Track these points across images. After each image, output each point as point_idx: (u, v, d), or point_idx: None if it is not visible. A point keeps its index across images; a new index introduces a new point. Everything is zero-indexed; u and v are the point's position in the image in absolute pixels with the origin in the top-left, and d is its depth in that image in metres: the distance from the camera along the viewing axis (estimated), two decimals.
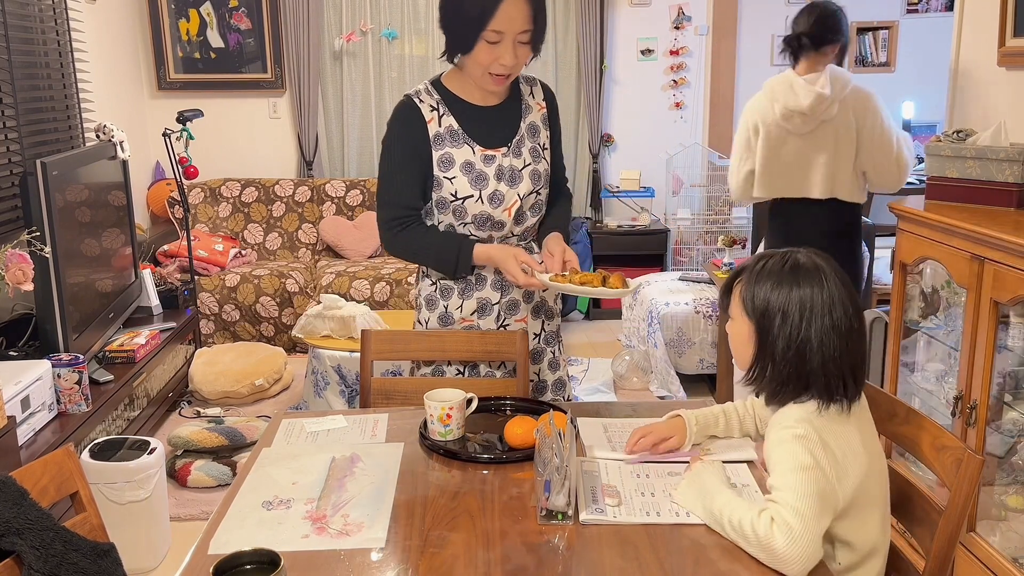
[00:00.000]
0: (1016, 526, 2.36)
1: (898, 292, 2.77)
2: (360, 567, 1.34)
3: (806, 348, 1.44)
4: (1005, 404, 2.37)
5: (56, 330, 3.14)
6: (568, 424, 1.48)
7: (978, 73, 2.99)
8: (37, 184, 3.03)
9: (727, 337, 1.60)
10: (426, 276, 2.15)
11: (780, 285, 1.48)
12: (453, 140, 2.01)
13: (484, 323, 2.12)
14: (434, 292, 2.13)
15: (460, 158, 2.00)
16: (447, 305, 2.12)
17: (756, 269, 1.52)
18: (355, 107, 5.66)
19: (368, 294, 4.87)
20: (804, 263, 1.49)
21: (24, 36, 3.75)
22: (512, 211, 2.05)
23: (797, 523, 1.33)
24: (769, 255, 1.54)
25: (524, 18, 1.87)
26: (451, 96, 2.03)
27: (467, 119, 2.02)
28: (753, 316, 1.49)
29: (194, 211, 5.30)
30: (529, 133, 2.07)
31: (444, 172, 2.00)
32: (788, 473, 1.39)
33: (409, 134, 2.00)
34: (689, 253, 5.53)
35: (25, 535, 1.32)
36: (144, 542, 2.74)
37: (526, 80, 2.13)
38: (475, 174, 2.00)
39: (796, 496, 1.36)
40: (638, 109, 5.81)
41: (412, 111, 2.01)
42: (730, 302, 1.57)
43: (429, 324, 2.15)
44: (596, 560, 1.35)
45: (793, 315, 1.45)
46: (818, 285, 1.47)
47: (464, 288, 2.10)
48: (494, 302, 2.11)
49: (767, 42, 5.90)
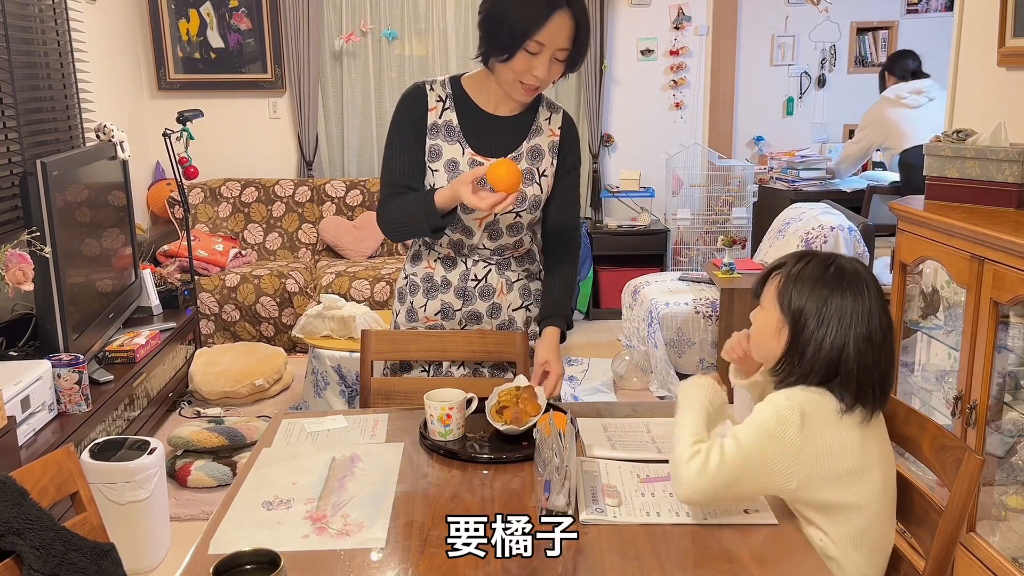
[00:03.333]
0: (1016, 526, 2.36)
1: (898, 292, 2.77)
2: (360, 567, 1.34)
3: (840, 355, 1.46)
4: (1005, 404, 2.37)
5: (56, 330, 3.13)
6: (568, 424, 1.48)
7: (978, 73, 2.99)
8: (37, 184, 3.03)
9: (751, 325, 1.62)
10: (403, 269, 2.17)
11: (820, 289, 1.48)
12: (447, 135, 2.01)
13: (448, 325, 2.13)
14: (405, 286, 2.16)
15: (448, 154, 2.00)
16: (413, 301, 2.14)
17: (798, 267, 1.52)
18: (355, 107, 5.66)
19: (368, 294, 4.87)
20: (847, 269, 1.50)
21: (24, 36, 3.75)
22: (483, 223, 2.02)
23: (715, 463, 1.40)
24: (812, 254, 1.55)
25: (567, 36, 1.86)
26: (463, 95, 2.03)
27: (469, 120, 2.02)
28: (788, 314, 1.50)
29: (194, 211, 5.30)
30: (530, 154, 2.02)
31: (430, 163, 2.01)
32: (747, 428, 1.45)
33: (410, 116, 2.02)
34: (689, 253, 5.53)
35: (25, 535, 1.32)
36: (144, 542, 2.74)
37: (549, 105, 2.09)
38: (455, 174, 1.98)
39: (735, 446, 1.43)
40: (638, 109, 5.81)
41: (419, 95, 2.03)
42: (763, 291, 1.58)
43: (399, 317, 2.17)
44: (596, 560, 1.35)
45: (831, 321, 1.46)
46: (858, 293, 1.48)
47: (429, 288, 2.11)
48: (455, 308, 2.11)
49: (767, 42, 5.90)
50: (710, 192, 5.56)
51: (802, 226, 4.17)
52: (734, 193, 5.43)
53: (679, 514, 1.47)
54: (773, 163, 5.69)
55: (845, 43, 5.95)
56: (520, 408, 1.75)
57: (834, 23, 5.87)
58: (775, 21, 5.84)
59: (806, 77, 5.98)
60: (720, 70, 5.79)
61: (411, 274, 2.14)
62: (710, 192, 5.56)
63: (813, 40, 5.92)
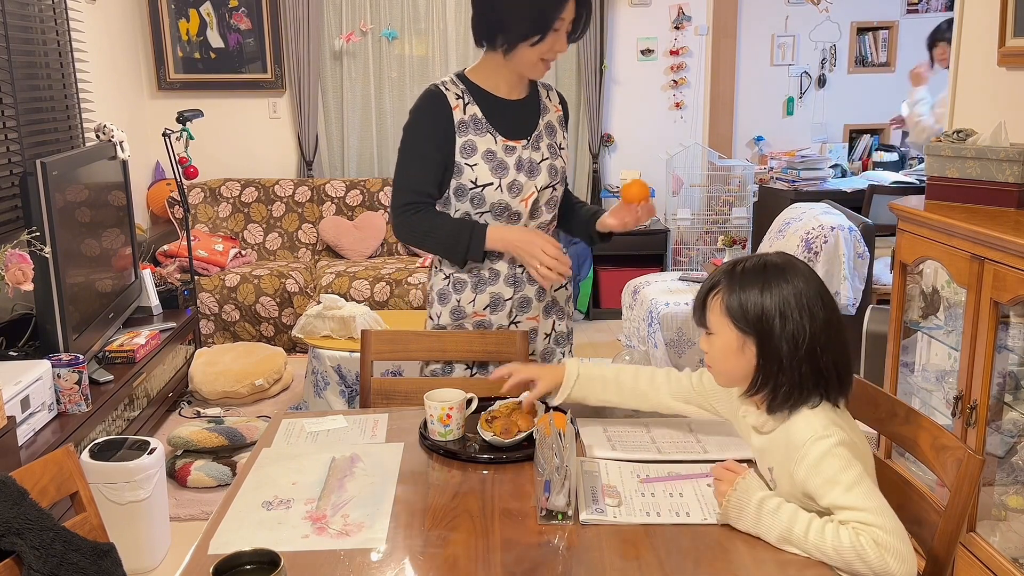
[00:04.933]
0: (1016, 526, 2.36)
1: (898, 292, 2.77)
2: (360, 567, 1.34)
3: (816, 345, 1.41)
4: (1005, 404, 2.37)
5: (56, 330, 3.13)
6: (568, 424, 1.48)
7: (978, 73, 2.99)
8: (37, 184, 3.03)
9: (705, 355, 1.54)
10: (439, 271, 2.15)
11: (768, 286, 1.43)
12: (476, 128, 2.04)
13: (496, 318, 2.13)
14: (447, 286, 2.14)
15: (482, 146, 2.04)
16: (459, 299, 2.12)
17: (735, 276, 1.47)
18: (355, 107, 5.66)
19: (368, 294, 4.86)
20: (779, 261, 1.46)
21: (24, 36, 3.75)
22: (529, 202, 2.08)
23: (899, 542, 1.31)
24: (737, 262, 1.50)
25: (573, 7, 1.97)
26: (475, 87, 2.07)
27: (490, 110, 2.07)
28: (748, 325, 1.44)
29: (194, 211, 5.30)
30: (547, 130, 2.12)
31: (466, 159, 2.03)
32: (853, 488, 1.36)
33: (434, 120, 2.03)
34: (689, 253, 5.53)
35: (25, 535, 1.32)
36: (144, 542, 2.74)
37: (542, 84, 2.19)
38: (496, 162, 2.04)
39: (878, 514, 1.33)
40: (638, 109, 5.81)
41: (439, 97, 2.04)
42: (707, 316, 1.51)
43: (441, 319, 2.15)
44: (596, 560, 1.35)
45: (792, 313, 1.41)
46: (801, 279, 1.43)
47: (477, 283, 2.11)
48: (506, 298, 2.12)
49: (767, 42, 5.90)
50: (710, 192, 5.56)
51: (802, 226, 4.16)
52: (734, 193, 5.43)
53: (679, 514, 1.47)
54: (773, 163, 5.68)
55: (845, 43, 5.95)
56: (511, 420, 1.74)
57: (834, 23, 5.87)
58: (775, 21, 5.84)
59: (806, 77, 5.98)
60: (720, 70, 5.79)
61: (452, 273, 2.13)
62: (710, 192, 5.56)
63: (813, 40, 5.92)
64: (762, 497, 1.40)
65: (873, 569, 1.30)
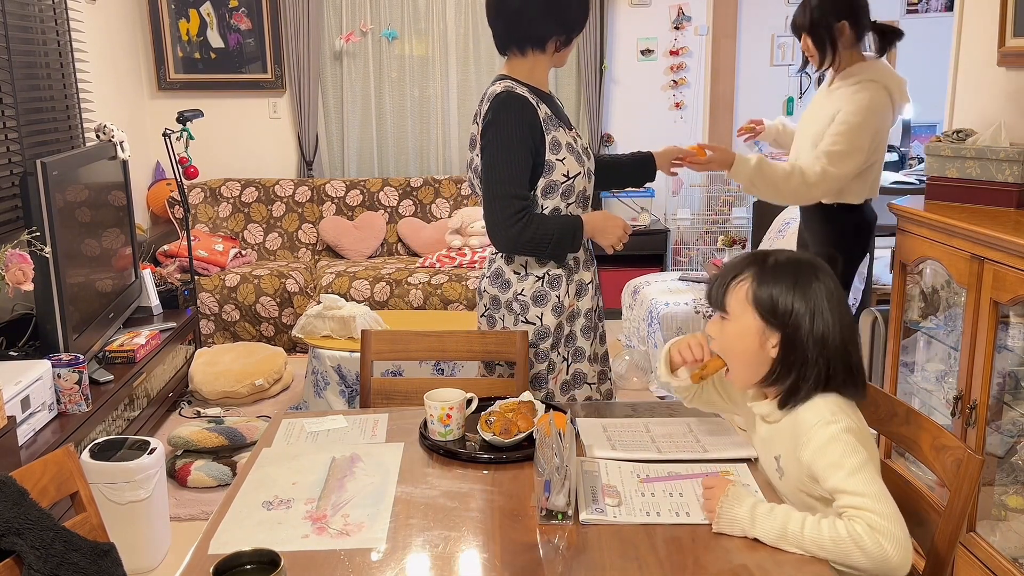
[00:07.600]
0: (1016, 526, 2.36)
1: (898, 292, 2.77)
2: (360, 567, 1.34)
3: (844, 345, 1.43)
4: (1005, 404, 2.37)
5: (56, 330, 3.14)
6: (568, 424, 1.48)
7: (978, 73, 2.99)
8: (37, 184, 3.03)
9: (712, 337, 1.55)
10: (526, 275, 2.14)
11: (800, 284, 1.44)
12: (554, 124, 2.09)
13: (582, 304, 2.19)
14: (542, 286, 2.14)
15: (563, 139, 2.08)
16: (559, 295, 2.14)
17: (766, 268, 1.48)
18: (355, 107, 5.66)
19: (368, 294, 4.87)
20: (811, 260, 1.49)
21: (24, 36, 3.75)
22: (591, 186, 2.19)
23: (896, 527, 1.32)
24: (767, 253, 1.52)
25: None
26: (531, 87, 2.10)
27: (551, 105, 2.13)
28: (776, 319, 1.45)
29: (194, 211, 5.30)
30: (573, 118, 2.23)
31: (555, 155, 2.06)
32: (855, 473, 1.36)
33: (528, 123, 2.03)
34: (689, 253, 5.53)
35: (25, 535, 1.32)
36: (144, 542, 2.74)
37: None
38: (576, 153, 2.10)
39: (876, 500, 1.34)
40: (638, 109, 5.81)
41: (523, 100, 2.04)
42: (726, 300, 1.52)
43: (544, 319, 2.14)
44: (596, 560, 1.35)
45: (823, 313, 1.43)
46: (831, 280, 1.46)
47: (568, 275, 2.15)
48: (587, 282, 2.20)
49: (767, 42, 5.90)
50: (710, 192, 5.56)
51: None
52: (734, 193, 5.43)
53: (679, 514, 1.47)
54: None
55: None
56: (510, 420, 1.74)
57: None
58: (775, 21, 5.84)
59: (806, 77, 5.98)
60: (720, 70, 5.80)
61: (546, 272, 2.13)
62: (710, 192, 5.56)
63: None
64: (754, 502, 1.41)
65: (870, 555, 1.31)
